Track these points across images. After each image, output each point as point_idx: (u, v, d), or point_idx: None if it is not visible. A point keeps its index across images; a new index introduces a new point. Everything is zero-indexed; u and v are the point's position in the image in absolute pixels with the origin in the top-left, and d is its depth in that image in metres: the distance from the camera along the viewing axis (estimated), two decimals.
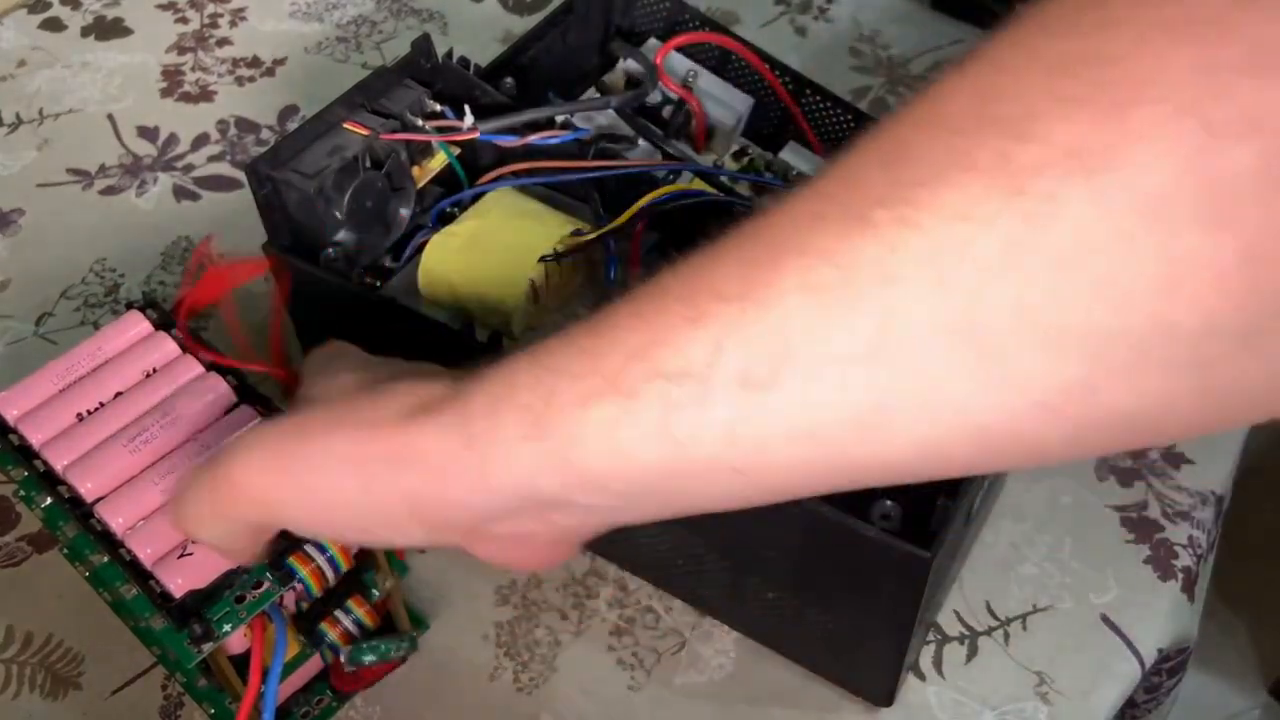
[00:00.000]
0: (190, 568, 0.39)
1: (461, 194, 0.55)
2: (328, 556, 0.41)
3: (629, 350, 0.27)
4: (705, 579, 0.49)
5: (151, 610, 0.40)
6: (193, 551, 0.39)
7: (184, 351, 0.46)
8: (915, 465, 0.26)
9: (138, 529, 0.40)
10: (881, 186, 0.23)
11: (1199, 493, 0.56)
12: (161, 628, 0.40)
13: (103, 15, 0.84)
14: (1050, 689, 0.49)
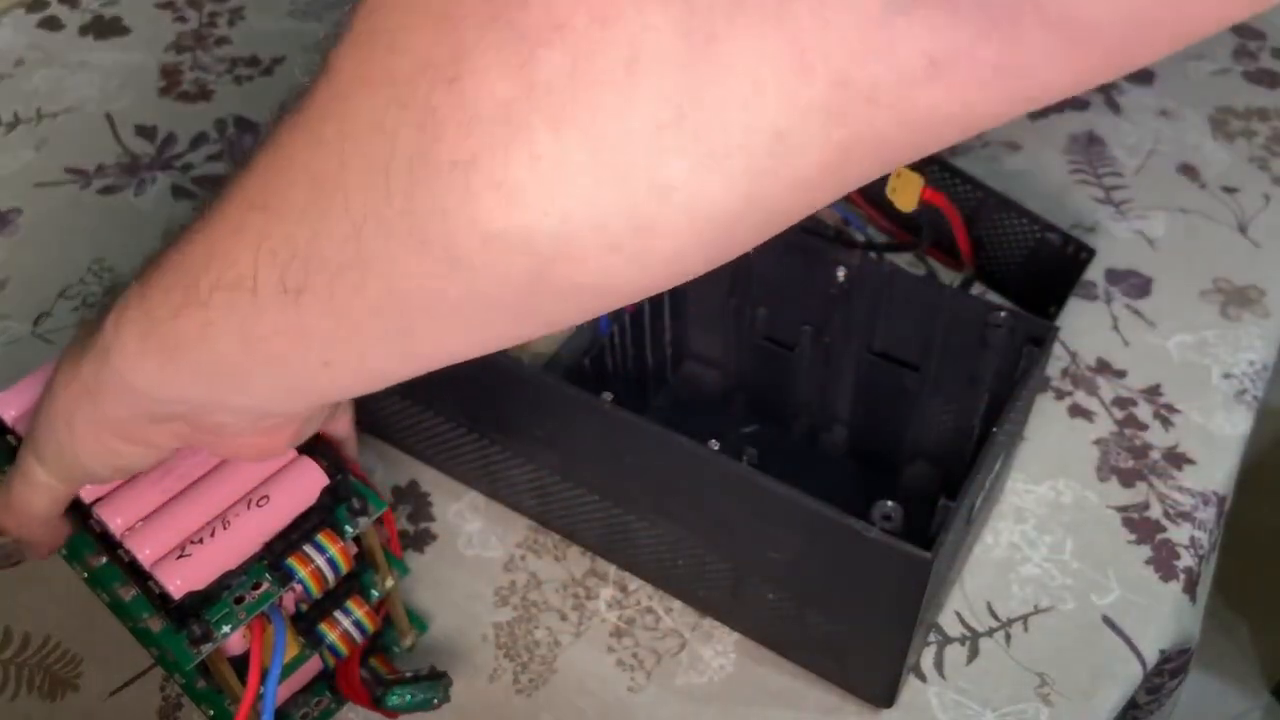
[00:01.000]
0: (189, 569, 0.39)
1: None
2: (327, 558, 0.41)
3: (199, 263, 0.30)
4: (705, 580, 0.49)
5: (150, 611, 0.40)
6: (192, 553, 0.39)
7: None
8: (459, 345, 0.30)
9: (136, 529, 0.40)
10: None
11: (1201, 493, 0.56)
12: (160, 629, 0.40)
13: (101, 14, 0.84)
14: (1051, 690, 0.49)
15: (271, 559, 0.40)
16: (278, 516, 0.41)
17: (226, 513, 0.40)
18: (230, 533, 0.40)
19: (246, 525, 0.40)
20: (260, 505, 0.40)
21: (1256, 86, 0.78)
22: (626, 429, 0.45)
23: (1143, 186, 0.71)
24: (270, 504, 0.40)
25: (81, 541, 0.42)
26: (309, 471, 0.41)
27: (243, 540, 0.40)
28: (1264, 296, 0.65)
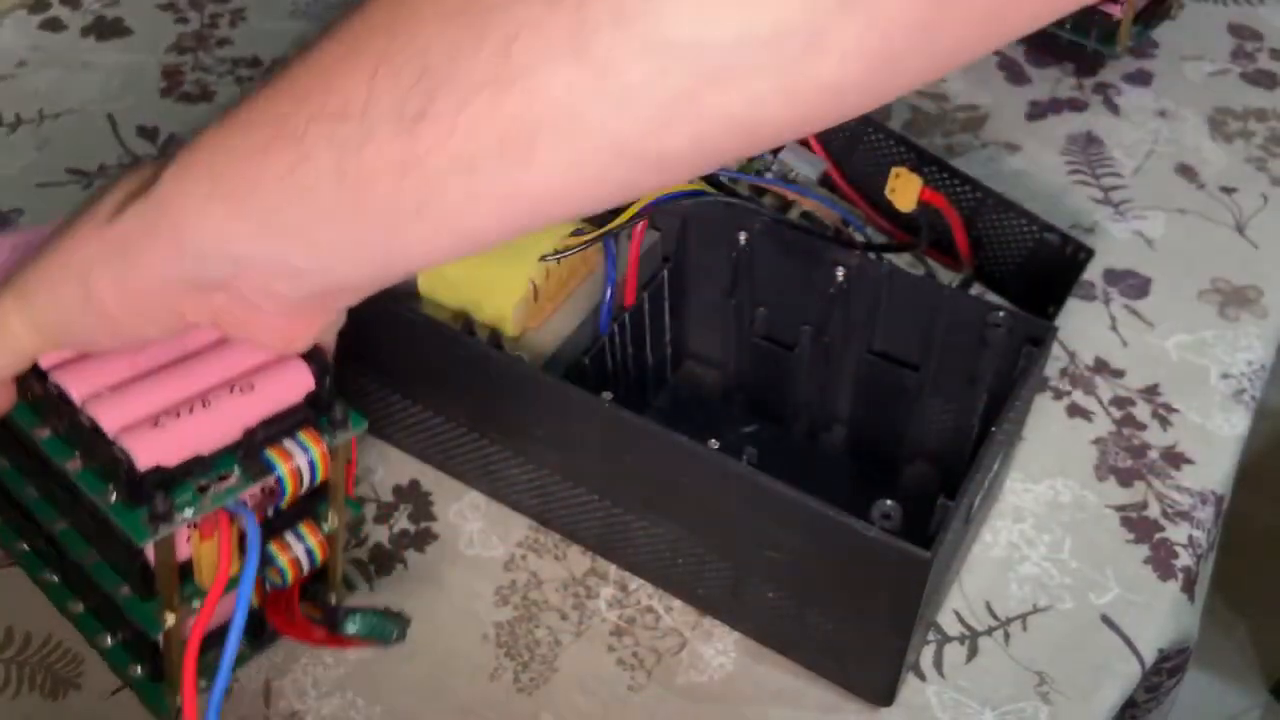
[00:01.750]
0: (160, 440, 0.35)
1: None
2: (309, 459, 0.38)
3: (296, 95, 0.28)
4: (705, 579, 0.49)
5: (102, 485, 0.36)
6: (165, 425, 0.36)
7: None
8: (572, 189, 0.28)
9: (102, 397, 0.36)
10: None
11: (1199, 492, 0.56)
12: (114, 504, 0.36)
13: (102, 15, 0.84)
14: (1050, 689, 0.49)
15: (249, 448, 0.37)
16: (260, 406, 0.37)
17: (206, 393, 0.37)
18: (209, 413, 0.36)
19: (227, 408, 0.37)
20: (243, 391, 0.37)
21: (1254, 87, 0.79)
22: (626, 429, 0.45)
23: (1141, 187, 0.71)
24: (254, 393, 0.37)
25: (21, 412, 0.38)
26: (296, 369, 0.38)
27: (222, 422, 0.37)
28: (1262, 296, 0.65)
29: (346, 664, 0.50)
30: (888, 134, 0.60)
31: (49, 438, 0.38)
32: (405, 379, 0.53)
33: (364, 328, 0.51)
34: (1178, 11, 0.81)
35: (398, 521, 0.55)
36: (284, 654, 0.50)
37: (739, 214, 0.53)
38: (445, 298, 0.52)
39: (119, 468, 0.36)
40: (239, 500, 0.38)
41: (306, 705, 0.49)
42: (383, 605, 0.44)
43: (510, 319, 0.50)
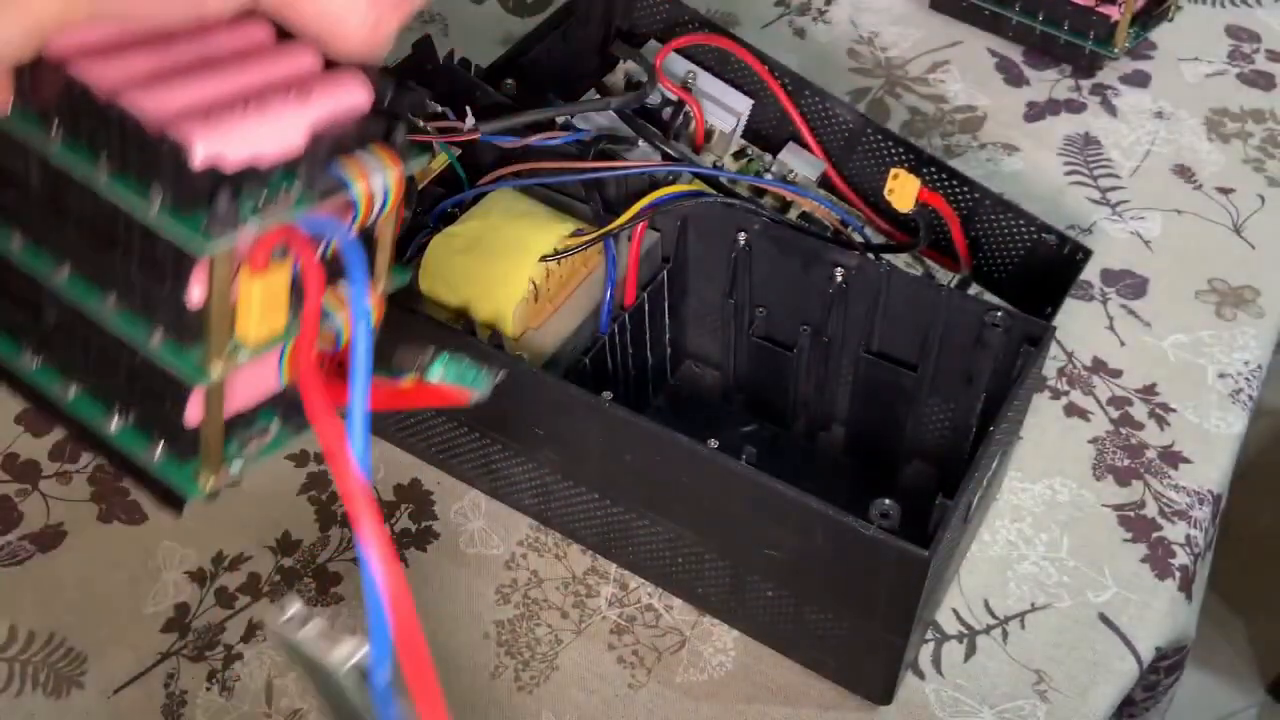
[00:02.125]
0: (217, 131, 0.29)
1: (462, 194, 0.55)
2: (383, 179, 0.33)
3: None
4: (705, 578, 0.50)
5: (139, 192, 0.30)
6: (220, 118, 0.30)
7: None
8: None
9: (140, 88, 0.30)
10: None
11: (1196, 492, 0.56)
12: (162, 208, 0.29)
13: None
14: (1048, 687, 0.49)
15: (313, 161, 0.31)
16: (317, 115, 0.32)
17: (257, 93, 0.31)
18: (263, 114, 0.31)
19: (284, 111, 0.31)
20: (299, 96, 0.31)
21: (1251, 88, 0.79)
22: (626, 429, 0.45)
23: (1138, 187, 0.71)
24: (313, 98, 0.31)
25: (22, 119, 0.31)
26: (352, 79, 0.33)
27: (282, 124, 0.31)
28: (1259, 297, 0.65)
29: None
30: (886, 135, 0.61)
31: (63, 145, 0.31)
32: None
33: None
34: (1175, 13, 0.81)
35: (399, 521, 0.55)
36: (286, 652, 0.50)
37: (738, 214, 0.53)
38: (445, 298, 0.52)
39: (167, 166, 0.29)
40: (333, 222, 0.31)
41: (308, 703, 0.49)
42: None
43: (510, 319, 0.50)
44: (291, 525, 0.55)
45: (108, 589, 0.53)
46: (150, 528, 0.55)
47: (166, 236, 0.30)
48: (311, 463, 0.57)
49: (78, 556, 0.54)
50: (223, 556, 0.54)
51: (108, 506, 0.56)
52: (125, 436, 0.35)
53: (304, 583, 0.53)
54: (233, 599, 0.52)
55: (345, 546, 0.54)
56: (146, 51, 0.31)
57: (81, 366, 0.35)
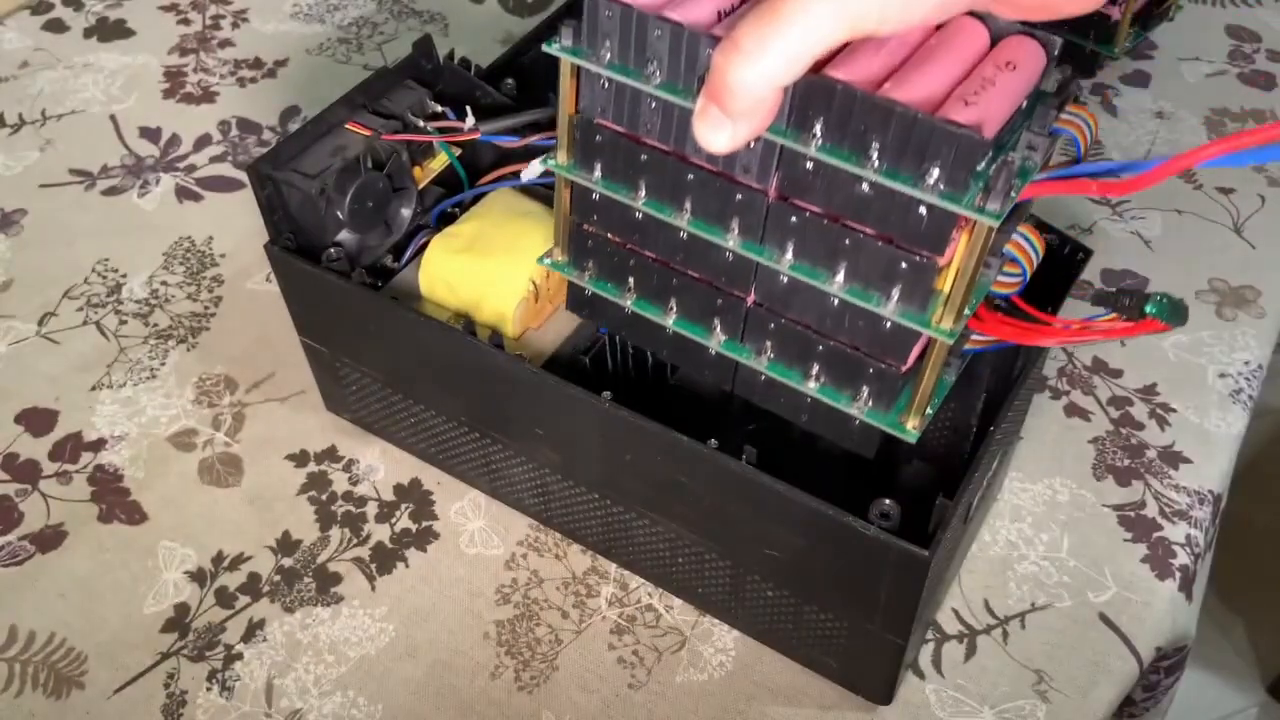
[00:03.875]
0: (980, 113, 0.34)
1: (462, 194, 0.56)
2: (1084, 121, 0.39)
3: None
4: (705, 578, 0.50)
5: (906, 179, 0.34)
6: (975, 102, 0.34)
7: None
8: None
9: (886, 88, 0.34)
10: None
11: (1196, 492, 0.56)
12: (942, 191, 0.34)
13: (105, 16, 0.85)
14: (1049, 687, 0.49)
15: (1038, 121, 0.36)
16: (1024, 82, 0.36)
17: (982, 72, 0.36)
18: (998, 90, 0.35)
19: (1009, 84, 0.35)
20: (1009, 69, 0.36)
21: (1251, 88, 0.79)
22: (626, 429, 0.45)
23: None
24: (1017, 70, 0.36)
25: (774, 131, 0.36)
26: (1032, 47, 0.37)
27: (1010, 97, 0.35)
28: (1259, 297, 0.66)
29: (348, 663, 0.50)
30: None
31: (824, 147, 0.35)
32: (406, 379, 0.53)
33: (364, 327, 0.52)
34: (1175, 13, 0.81)
35: (399, 520, 0.55)
36: (286, 652, 0.51)
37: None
38: (445, 298, 0.52)
39: (942, 148, 0.33)
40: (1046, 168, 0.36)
41: (308, 703, 0.49)
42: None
43: (510, 319, 0.50)
44: (291, 525, 0.55)
45: (108, 589, 0.53)
46: (150, 528, 0.55)
47: (942, 211, 0.34)
48: (311, 463, 0.57)
49: (78, 556, 0.54)
50: (223, 556, 0.54)
51: (108, 506, 0.56)
52: (825, 392, 0.41)
53: (304, 583, 0.53)
54: (233, 599, 0.52)
55: (345, 546, 0.54)
56: (871, 54, 0.35)
57: (777, 338, 0.41)
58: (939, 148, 0.33)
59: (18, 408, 0.60)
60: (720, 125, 0.34)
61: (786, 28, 0.31)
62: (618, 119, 0.40)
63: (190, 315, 0.64)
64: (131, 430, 0.59)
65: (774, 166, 0.37)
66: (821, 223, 0.37)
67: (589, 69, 0.38)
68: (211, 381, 0.61)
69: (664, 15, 0.36)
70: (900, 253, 0.36)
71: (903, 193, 0.34)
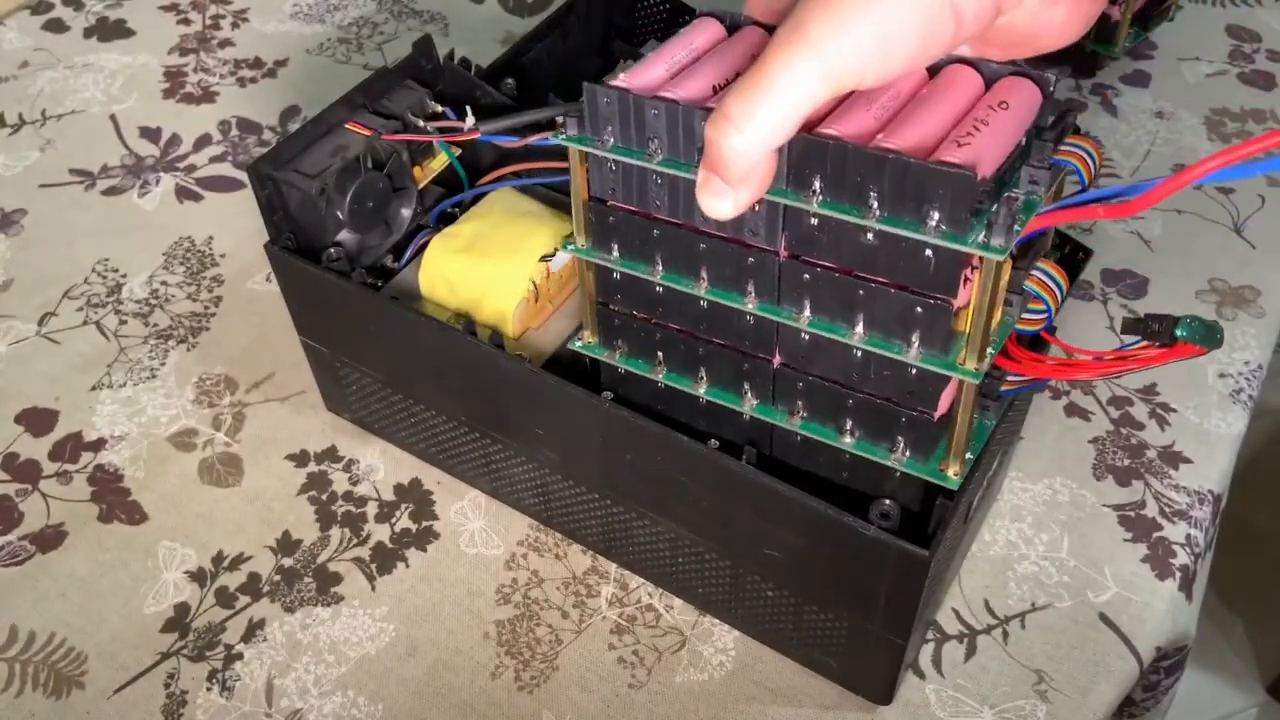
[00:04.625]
0: (974, 154, 0.34)
1: (462, 194, 0.56)
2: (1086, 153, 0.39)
3: None
4: (705, 578, 0.50)
5: (911, 223, 0.35)
6: (968, 143, 0.34)
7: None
8: None
9: (881, 138, 0.35)
10: None
11: (1196, 492, 0.56)
12: (943, 232, 0.34)
13: (105, 16, 0.85)
14: (1049, 687, 0.49)
15: (1037, 155, 0.36)
16: (1019, 120, 0.37)
17: (976, 116, 0.36)
18: (991, 130, 0.35)
19: (1003, 123, 0.36)
20: (1002, 108, 0.36)
21: (1251, 88, 0.79)
22: (626, 429, 0.45)
23: None
24: (1010, 109, 0.36)
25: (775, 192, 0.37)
26: (1028, 87, 0.38)
27: (1005, 135, 0.36)
28: (1259, 297, 0.66)
29: (348, 663, 0.50)
30: None
31: (824, 202, 0.36)
32: (406, 379, 0.53)
33: (365, 327, 0.52)
34: (1176, 13, 0.81)
35: (399, 520, 0.55)
36: (286, 652, 0.51)
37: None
38: (445, 298, 0.52)
39: (940, 192, 0.34)
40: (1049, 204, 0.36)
41: (308, 703, 0.49)
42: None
43: (511, 319, 0.50)
44: (291, 525, 0.55)
45: (108, 589, 0.53)
46: (150, 528, 0.55)
47: (948, 252, 0.35)
48: (311, 463, 0.57)
49: (78, 556, 0.54)
50: (223, 556, 0.54)
51: (108, 506, 0.56)
52: (861, 447, 0.41)
53: (304, 583, 0.53)
54: (233, 599, 0.52)
55: (345, 546, 0.54)
56: (863, 108, 0.36)
57: (808, 397, 0.42)
58: (935, 190, 0.34)
59: (18, 408, 0.60)
60: (722, 193, 0.35)
61: (771, 93, 0.32)
62: (628, 199, 0.41)
63: (190, 315, 0.64)
64: (131, 430, 0.59)
65: (780, 226, 0.38)
66: (834, 276, 0.38)
67: (595, 154, 0.40)
68: (211, 381, 0.61)
69: (658, 95, 0.37)
70: (915, 298, 0.37)
71: (907, 238, 0.35)
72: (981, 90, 0.38)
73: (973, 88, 0.38)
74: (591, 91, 0.39)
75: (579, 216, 0.43)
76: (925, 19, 0.32)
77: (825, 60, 0.32)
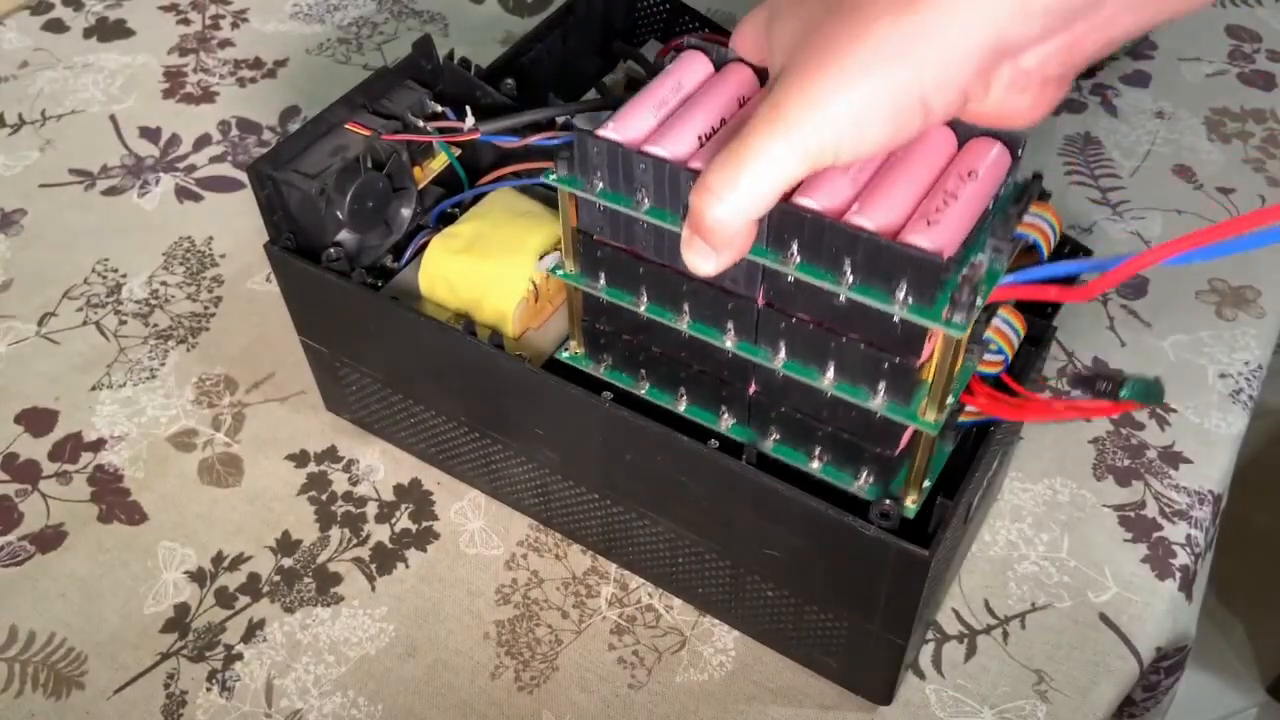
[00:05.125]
0: (941, 235, 0.36)
1: (462, 194, 0.56)
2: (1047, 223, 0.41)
3: None
4: (705, 578, 0.50)
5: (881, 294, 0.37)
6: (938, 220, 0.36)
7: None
8: None
9: (856, 211, 0.36)
10: None
11: (1197, 492, 0.56)
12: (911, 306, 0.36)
13: (105, 16, 0.85)
14: (1049, 687, 0.49)
15: (1001, 227, 0.38)
16: (987, 189, 0.38)
17: (945, 185, 0.38)
18: (960, 202, 0.37)
19: (971, 197, 0.38)
20: (971, 178, 0.38)
21: (1251, 88, 0.79)
22: (626, 429, 0.45)
23: (1139, 187, 0.71)
24: (979, 179, 0.38)
25: (755, 251, 0.39)
26: (998, 150, 0.40)
27: (973, 207, 0.38)
28: (1259, 297, 0.65)
29: (348, 663, 0.50)
30: None
31: (802, 265, 0.38)
32: (406, 379, 0.53)
33: (365, 327, 0.51)
34: None
35: (399, 520, 0.55)
36: (286, 652, 0.51)
37: None
38: (445, 298, 0.52)
39: (909, 269, 0.36)
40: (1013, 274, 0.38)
41: (308, 704, 0.49)
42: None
43: (510, 319, 0.50)
44: (291, 525, 0.55)
45: (108, 589, 0.53)
46: (150, 528, 0.55)
47: (913, 324, 0.37)
48: (311, 463, 0.57)
49: (78, 556, 0.54)
50: (223, 556, 0.54)
51: (108, 507, 0.56)
52: (828, 472, 0.44)
53: (304, 583, 0.53)
54: (233, 599, 0.52)
55: (345, 546, 0.54)
56: (840, 171, 0.38)
57: (780, 424, 0.44)
58: (904, 269, 0.36)
59: (18, 408, 0.60)
60: (705, 254, 0.37)
61: (750, 169, 0.34)
62: (614, 237, 0.42)
63: (190, 315, 0.64)
64: (131, 430, 0.59)
65: (759, 280, 0.40)
66: (808, 328, 0.40)
67: (584, 197, 0.41)
68: (211, 381, 0.61)
69: (645, 150, 0.39)
70: (882, 354, 0.39)
71: (875, 307, 0.37)
72: (954, 149, 0.40)
73: (945, 148, 0.40)
74: (582, 140, 0.40)
75: (568, 244, 0.44)
76: (896, 110, 0.33)
77: (802, 141, 0.33)
